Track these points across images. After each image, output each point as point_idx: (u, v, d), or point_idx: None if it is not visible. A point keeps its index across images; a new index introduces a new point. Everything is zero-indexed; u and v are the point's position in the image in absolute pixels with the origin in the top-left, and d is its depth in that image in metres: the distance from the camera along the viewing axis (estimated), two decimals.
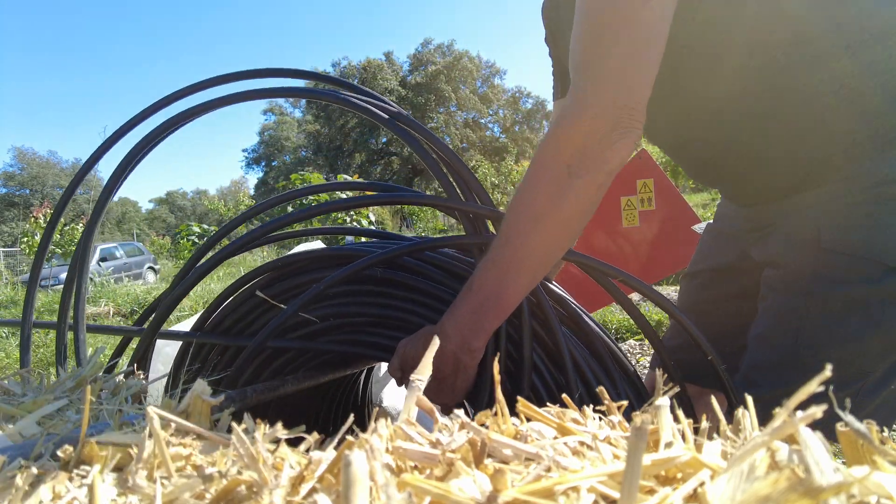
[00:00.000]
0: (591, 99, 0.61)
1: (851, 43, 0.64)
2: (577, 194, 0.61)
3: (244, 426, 0.29)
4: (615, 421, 0.33)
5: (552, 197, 0.62)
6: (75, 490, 0.26)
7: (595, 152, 0.60)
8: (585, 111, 0.60)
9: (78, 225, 8.26)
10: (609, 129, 0.60)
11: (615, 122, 0.60)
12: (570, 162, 0.61)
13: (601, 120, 0.60)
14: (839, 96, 0.65)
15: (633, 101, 0.61)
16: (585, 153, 0.61)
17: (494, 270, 0.63)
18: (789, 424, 0.22)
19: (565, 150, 0.61)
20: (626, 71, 0.60)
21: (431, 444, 0.27)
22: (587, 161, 0.61)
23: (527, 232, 0.62)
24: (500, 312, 0.64)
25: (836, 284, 0.66)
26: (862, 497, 0.20)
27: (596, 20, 0.61)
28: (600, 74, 0.61)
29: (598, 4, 0.61)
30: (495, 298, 0.63)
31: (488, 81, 34.20)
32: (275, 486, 0.24)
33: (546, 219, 0.62)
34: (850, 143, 0.66)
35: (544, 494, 0.22)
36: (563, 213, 0.62)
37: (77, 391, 0.47)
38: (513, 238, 0.63)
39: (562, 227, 0.63)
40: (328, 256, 0.78)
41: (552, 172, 0.62)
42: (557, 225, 0.62)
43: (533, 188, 0.63)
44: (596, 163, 0.61)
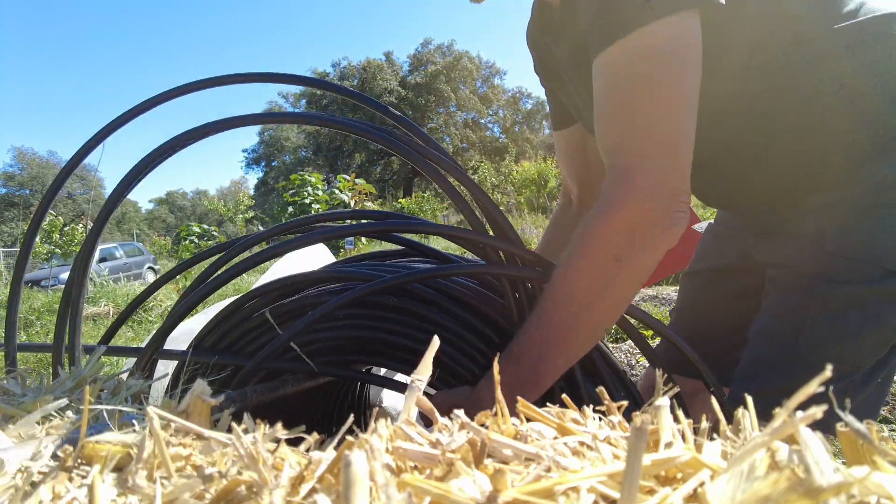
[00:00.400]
0: (637, 184, 0.58)
1: (851, 43, 0.64)
2: (624, 282, 0.60)
3: (244, 426, 0.29)
4: (615, 421, 0.33)
5: (599, 288, 0.60)
6: (75, 490, 0.26)
7: (646, 240, 0.58)
8: (630, 198, 0.58)
9: (78, 225, 8.26)
10: (661, 215, 0.58)
11: (666, 207, 0.58)
12: (618, 252, 0.59)
13: (650, 206, 0.57)
14: (839, 96, 0.65)
15: (680, 180, 0.58)
16: (635, 242, 0.58)
17: (536, 350, 0.62)
18: (789, 424, 0.22)
19: (612, 240, 0.59)
20: (670, 151, 0.58)
21: (431, 444, 0.27)
22: (637, 249, 0.59)
23: (570, 318, 0.60)
24: (537, 388, 0.63)
25: (836, 284, 0.66)
26: (862, 497, 0.20)
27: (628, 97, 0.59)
28: (643, 157, 0.58)
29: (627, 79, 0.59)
30: (535, 376, 0.62)
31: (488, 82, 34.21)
32: (275, 486, 0.24)
33: (592, 308, 0.60)
34: (850, 143, 0.66)
35: (544, 494, 0.22)
36: (609, 302, 0.60)
37: (77, 391, 0.47)
38: (555, 322, 0.61)
39: (607, 313, 0.62)
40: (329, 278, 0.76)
41: (599, 263, 0.60)
42: (602, 312, 0.61)
43: (578, 277, 0.61)
44: (646, 251, 0.59)
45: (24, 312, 4.90)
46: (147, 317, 4.80)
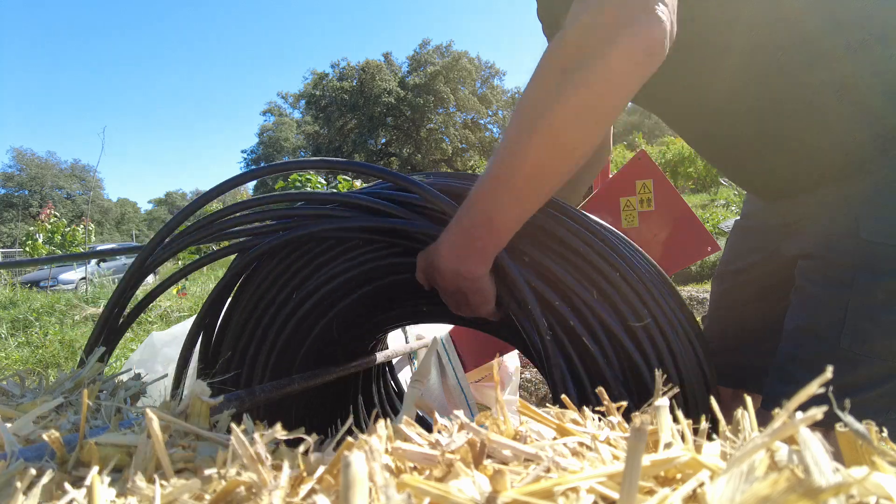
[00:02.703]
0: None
1: (852, 42, 0.64)
2: (567, 96, 0.53)
3: (243, 427, 0.29)
4: (615, 422, 0.33)
5: (542, 101, 0.54)
6: (74, 491, 0.26)
7: (595, 44, 0.52)
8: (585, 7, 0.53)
9: (78, 226, 8.25)
10: (612, 21, 0.51)
11: (618, 9, 0.51)
12: (564, 62, 0.53)
13: (604, 9, 0.52)
14: (840, 96, 0.65)
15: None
16: (582, 48, 0.52)
17: (485, 186, 0.58)
18: (789, 425, 0.22)
19: (560, 50, 0.54)
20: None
21: (430, 444, 0.27)
22: (582, 59, 0.52)
23: (516, 142, 0.56)
24: (492, 234, 0.59)
25: (878, 275, 0.63)
26: (861, 498, 0.20)
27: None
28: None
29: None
30: (487, 217, 0.58)
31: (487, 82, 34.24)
32: (274, 487, 0.24)
33: (535, 126, 0.54)
34: (851, 143, 0.66)
35: (544, 495, 0.22)
36: (553, 119, 0.54)
37: (76, 392, 0.47)
38: (502, 150, 0.57)
39: (552, 136, 0.55)
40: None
41: (544, 76, 0.55)
42: (547, 133, 0.54)
43: (525, 96, 0.56)
44: (595, 57, 0.52)
45: (24, 313, 4.90)
46: (146, 317, 4.80)
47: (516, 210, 0.59)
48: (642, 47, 0.52)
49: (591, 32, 0.52)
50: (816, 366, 0.67)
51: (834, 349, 0.65)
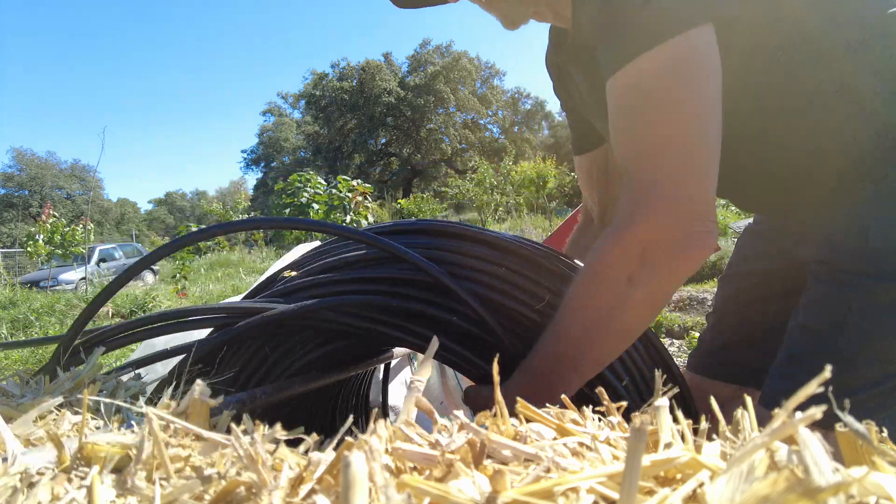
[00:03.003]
0: (652, 201, 0.55)
1: (852, 42, 0.64)
2: (636, 305, 0.57)
3: (243, 427, 0.29)
4: (615, 422, 0.33)
5: (610, 309, 0.57)
6: (74, 491, 0.26)
7: (660, 261, 0.55)
8: (645, 216, 0.55)
9: (77, 226, 8.24)
10: (678, 234, 0.55)
11: (684, 225, 0.55)
12: (631, 273, 0.56)
13: (666, 224, 0.55)
14: (839, 96, 0.65)
15: (701, 197, 0.55)
16: (648, 262, 0.56)
17: (549, 365, 0.60)
18: (788, 425, 0.22)
19: (625, 259, 0.56)
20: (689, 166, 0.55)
21: (430, 444, 0.27)
22: (651, 270, 0.56)
23: (582, 336, 0.59)
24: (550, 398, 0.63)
25: (883, 278, 0.63)
26: (861, 497, 0.20)
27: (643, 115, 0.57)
28: (660, 173, 0.55)
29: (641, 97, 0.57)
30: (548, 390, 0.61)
31: (487, 82, 34.24)
32: (274, 487, 0.24)
33: (602, 328, 0.58)
34: (851, 142, 0.66)
35: (544, 495, 0.22)
36: (620, 324, 0.58)
37: (76, 392, 0.47)
38: (566, 339, 0.60)
39: (618, 335, 0.60)
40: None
41: (610, 283, 0.57)
42: (614, 333, 0.59)
43: (589, 297, 0.59)
44: (661, 272, 0.56)
45: (24, 313, 4.90)
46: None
47: (577, 383, 0.63)
48: (701, 258, 0.58)
49: (655, 248, 0.56)
50: (815, 365, 0.67)
51: (834, 349, 0.65)
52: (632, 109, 0.58)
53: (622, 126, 0.60)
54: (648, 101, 0.57)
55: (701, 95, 0.56)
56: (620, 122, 0.60)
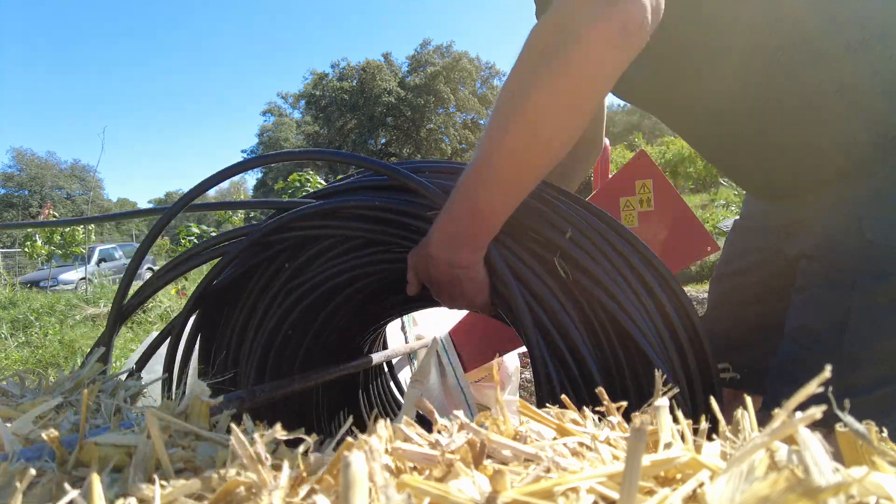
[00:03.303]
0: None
1: (851, 42, 0.64)
2: (543, 83, 0.52)
3: (243, 427, 0.29)
4: (615, 422, 0.33)
5: (519, 88, 0.53)
6: (74, 492, 0.26)
7: (571, 28, 0.51)
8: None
9: (78, 227, 8.23)
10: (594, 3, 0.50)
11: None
12: (543, 46, 0.52)
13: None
14: (839, 96, 0.65)
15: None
16: (558, 31, 0.51)
17: (469, 175, 0.58)
18: (788, 425, 0.22)
19: (540, 35, 0.53)
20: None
21: (430, 445, 0.27)
22: (560, 43, 0.51)
23: (495, 130, 0.55)
24: (481, 222, 0.59)
25: (881, 277, 0.62)
26: (861, 498, 0.20)
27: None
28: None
29: None
30: (473, 206, 0.58)
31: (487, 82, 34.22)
32: (274, 487, 0.24)
33: (512, 114, 0.54)
34: (851, 142, 0.66)
35: (544, 495, 0.22)
36: (528, 107, 0.53)
37: (76, 392, 0.47)
38: (484, 139, 0.57)
39: (528, 124, 0.54)
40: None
41: (523, 63, 0.54)
42: (523, 122, 0.54)
43: (505, 83, 0.56)
44: (571, 45, 0.50)
45: (24, 313, 4.89)
46: (146, 318, 4.80)
47: (501, 198, 0.59)
48: (618, 27, 0.50)
49: (568, 13, 0.51)
50: (817, 367, 0.66)
51: (835, 350, 0.65)
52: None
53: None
54: None
55: None
56: None
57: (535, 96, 0.53)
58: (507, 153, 0.56)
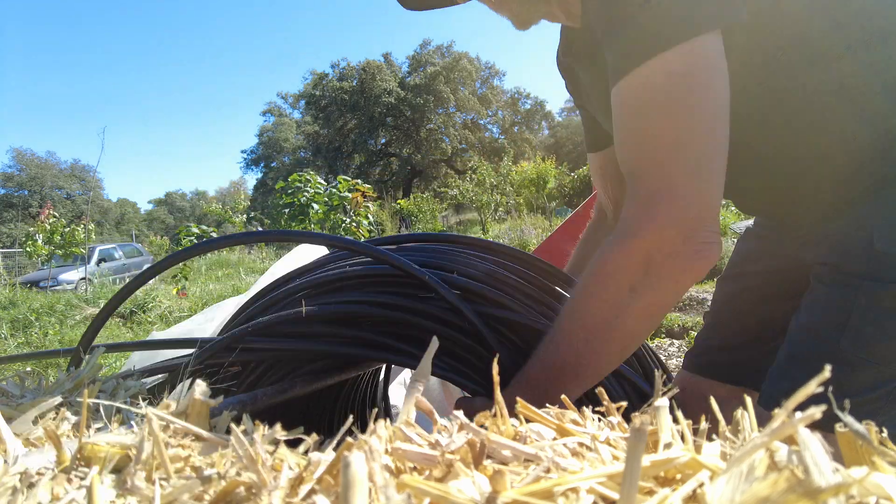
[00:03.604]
0: (657, 210, 0.54)
1: (852, 43, 0.64)
2: (637, 314, 0.57)
3: (243, 427, 0.29)
4: (614, 422, 0.33)
5: (610, 318, 0.57)
6: (74, 492, 0.26)
7: (664, 271, 0.55)
8: (649, 225, 0.54)
9: (78, 227, 8.24)
10: (682, 245, 0.54)
11: (689, 235, 0.54)
12: (633, 282, 0.56)
13: (670, 234, 0.54)
14: (839, 96, 0.65)
15: (706, 207, 0.54)
16: (652, 271, 0.55)
17: (547, 374, 0.60)
18: (788, 425, 0.22)
19: (628, 268, 0.56)
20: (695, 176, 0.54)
21: (430, 445, 0.27)
22: (654, 280, 0.55)
23: (581, 345, 0.58)
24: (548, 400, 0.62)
25: (886, 283, 0.63)
26: (861, 498, 0.20)
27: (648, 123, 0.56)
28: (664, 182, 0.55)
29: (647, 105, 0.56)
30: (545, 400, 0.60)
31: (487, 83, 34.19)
32: (273, 487, 0.24)
33: (602, 337, 0.58)
34: (852, 143, 0.66)
35: (543, 495, 0.22)
36: (620, 333, 0.58)
37: (75, 392, 0.47)
38: (565, 348, 0.59)
39: (618, 344, 0.59)
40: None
41: (612, 291, 0.57)
42: (614, 342, 0.59)
43: (590, 304, 0.59)
44: (665, 283, 0.56)
45: (24, 313, 4.89)
46: (146, 318, 4.80)
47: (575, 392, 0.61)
48: (707, 269, 0.57)
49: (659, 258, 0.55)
50: (814, 366, 0.66)
51: (833, 350, 0.65)
52: (638, 115, 0.57)
53: (627, 131, 0.59)
54: (655, 106, 0.56)
55: (710, 103, 0.55)
56: (625, 128, 0.59)
57: (631, 323, 0.57)
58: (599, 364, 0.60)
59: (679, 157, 0.55)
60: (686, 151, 0.55)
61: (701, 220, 0.54)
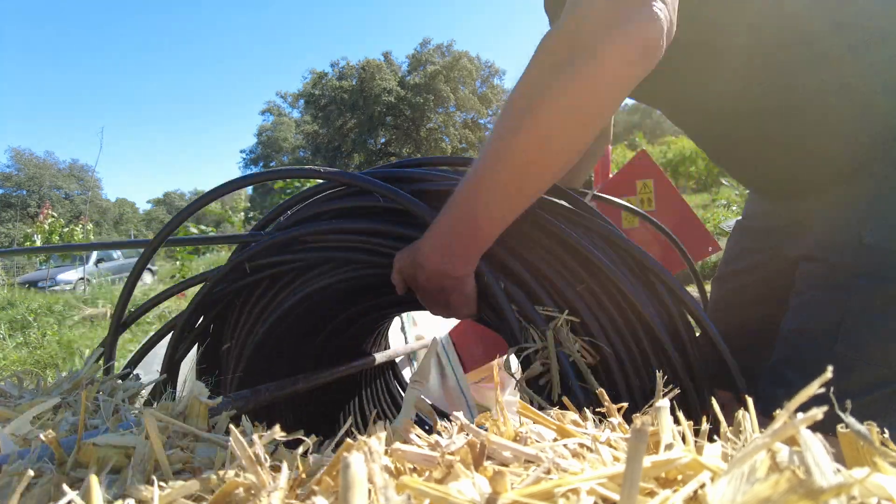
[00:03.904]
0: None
1: (853, 42, 0.64)
2: (556, 95, 0.51)
3: (242, 428, 0.29)
4: (615, 423, 0.33)
5: (530, 98, 0.52)
6: (72, 493, 0.26)
7: (587, 39, 0.50)
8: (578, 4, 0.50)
9: (77, 227, 8.24)
10: (610, 13, 0.49)
11: (613, 3, 0.49)
12: (556, 59, 0.51)
13: (596, 6, 0.50)
14: (840, 96, 0.65)
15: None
16: (573, 44, 0.50)
17: (469, 185, 0.56)
18: (790, 426, 0.22)
19: (554, 45, 0.52)
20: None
21: (430, 446, 0.27)
22: (573, 54, 0.50)
23: (501, 140, 0.54)
24: (477, 234, 0.57)
25: (878, 280, 0.62)
26: (862, 499, 0.20)
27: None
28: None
29: None
30: (471, 217, 0.56)
31: (487, 82, 34.18)
32: (273, 488, 0.24)
33: (521, 124, 0.52)
34: (853, 143, 0.66)
35: (544, 497, 0.21)
36: (540, 118, 0.52)
37: (74, 393, 0.47)
38: (487, 149, 0.55)
39: (539, 135, 0.53)
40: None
41: (533, 74, 0.53)
42: (534, 133, 0.52)
43: (513, 92, 0.54)
44: (587, 55, 0.49)
45: (22, 313, 4.89)
46: (145, 318, 4.79)
47: (501, 210, 0.57)
48: (637, 46, 0.50)
49: (583, 27, 0.50)
50: (810, 369, 0.66)
51: (828, 353, 0.64)
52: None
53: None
54: None
55: None
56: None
57: (547, 108, 0.51)
58: (513, 163, 0.54)
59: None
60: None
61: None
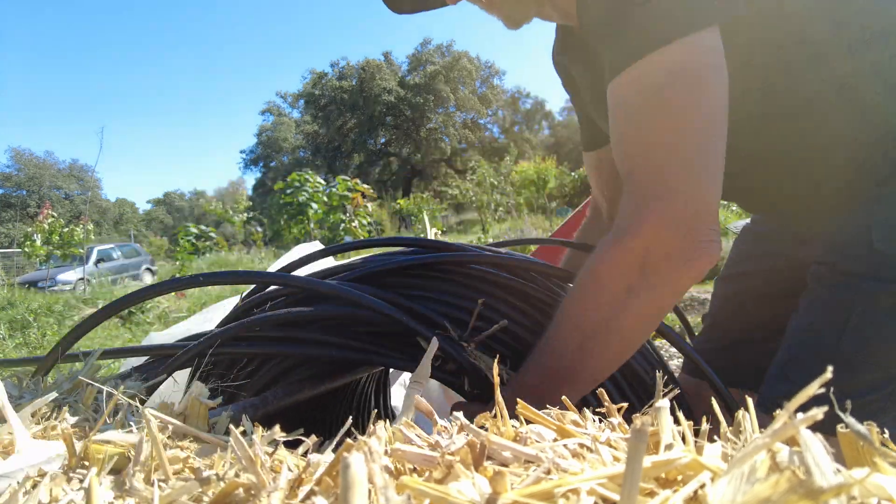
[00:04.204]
0: (653, 210, 0.53)
1: (853, 43, 0.64)
2: (634, 316, 0.56)
3: (242, 429, 0.29)
4: (615, 423, 0.33)
5: (607, 320, 0.56)
6: (73, 492, 0.26)
7: (661, 272, 0.54)
8: (646, 225, 0.54)
9: (77, 227, 8.23)
10: (680, 245, 0.53)
11: (686, 235, 0.53)
12: (630, 282, 0.55)
13: (667, 234, 0.53)
14: (840, 96, 0.65)
15: (705, 207, 0.53)
16: (649, 272, 0.54)
17: (542, 379, 0.58)
18: (790, 426, 0.22)
19: (624, 269, 0.55)
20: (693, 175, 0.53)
21: (430, 446, 0.27)
22: (652, 280, 0.54)
23: (576, 349, 0.57)
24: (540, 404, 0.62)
25: (886, 282, 0.63)
26: (862, 499, 0.20)
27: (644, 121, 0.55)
28: (661, 181, 0.54)
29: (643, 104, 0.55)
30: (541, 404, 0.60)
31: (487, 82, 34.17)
32: (273, 489, 0.24)
33: (598, 340, 0.57)
34: (853, 143, 0.66)
35: (544, 497, 0.21)
36: (617, 336, 0.57)
37: (74, 393, 0.47)
38: (560, 352, 0.58)
39: (615, 346, 0.58)
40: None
41: (608, 293, 0.56)
42: (610, 345, 0.57)
43: (586, 306, 0.58)
44: (663, 283, 0.55)
45: (22, 313, 4.89)
46: (145, 318, 4.79)
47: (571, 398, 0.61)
48: (702, 273, 0.56)
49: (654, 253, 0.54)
50: (814, 367, 0.67)
51: (833, 352, 0.65)
52: (634, 113, 0.56)
53: (623, 130, 0.58)
54: (652, 105, 0.55)
55: (707, 100, 0.54)
56: (622, 126, 0.58)
57: (628, 324, 0.56)
58: (593, 366, 0.59)
59: (676, 154, 0.54)
60: (683, 149, 0.54)
61: (698, 219, 0.53)
